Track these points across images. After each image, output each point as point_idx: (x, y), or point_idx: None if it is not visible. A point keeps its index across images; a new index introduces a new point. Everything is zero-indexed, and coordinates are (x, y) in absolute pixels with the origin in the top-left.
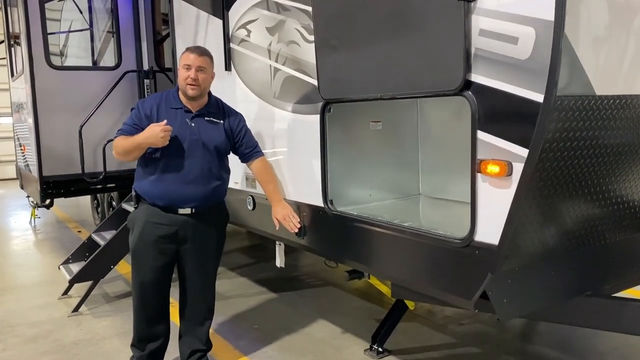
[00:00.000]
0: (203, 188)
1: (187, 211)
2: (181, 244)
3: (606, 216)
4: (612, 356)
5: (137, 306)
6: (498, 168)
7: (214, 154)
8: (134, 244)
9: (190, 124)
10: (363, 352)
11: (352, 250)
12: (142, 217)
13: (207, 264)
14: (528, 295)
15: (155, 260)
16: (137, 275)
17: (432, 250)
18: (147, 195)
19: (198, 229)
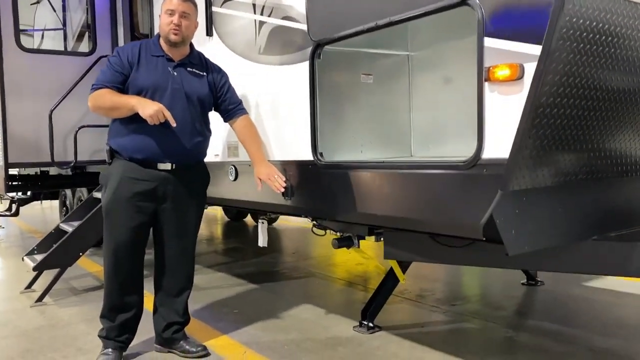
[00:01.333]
0: (185, 141)
1: (167, 166)
2: (160, 202)
3: (616, 150)
4: (612, 327)
5: (110, 271)
6: (508, 71)
7: (197, 106)
8: (108, 202)
9: (172, 72)
10: (352, 329)
11: (345, 201)
12: (117, 173)
13: (187, 225)
14: (535, 230)
15: (131, 220)
16: (111, 236)
17: (436, 179)
18: (125, 148)
19: (178, 187)
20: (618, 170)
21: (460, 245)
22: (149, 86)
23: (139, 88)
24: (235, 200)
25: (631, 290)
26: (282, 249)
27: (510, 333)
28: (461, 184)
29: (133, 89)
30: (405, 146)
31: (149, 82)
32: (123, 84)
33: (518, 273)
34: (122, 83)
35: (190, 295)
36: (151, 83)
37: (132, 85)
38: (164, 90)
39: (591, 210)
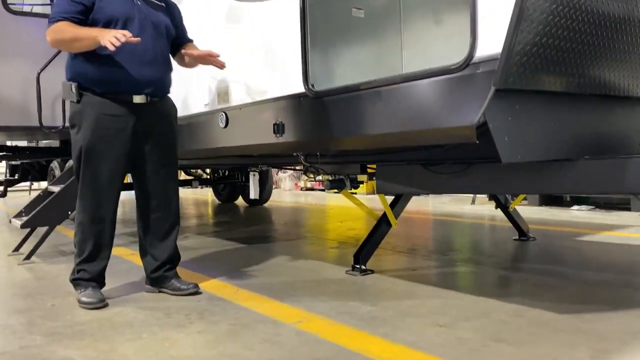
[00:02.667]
0: (159, 71)
1: (142, 99)
2: (139, 138)
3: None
4: (603, 265)
5: (91, 213)
6: None
7: (164, 36)
8: (87, 141)
9: (136, 2)
10: (345, 273)
11: (339, 126)
12: (92, 110)
13: (169, 160)
14: (528, 141)
15: (112, 158)
16: (90, 176)
17: (430, 88)
18: (96, 82)
19: (154, 121)
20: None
21: (452, 172)
22: (118, 16)
23: (107, 18)
24: (227, 147)
25: (621, 242)
26: (273, 221)
27: (503, 272)
28: (455, 88)
29: (102, 19)
30: None
31: (118, 11)
32: (82, 14)
33: (510, 232)
34: (82, 13)
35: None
36: (120, 13)
37: (99, 16)
38: (132, 20)
39: (584, 131)
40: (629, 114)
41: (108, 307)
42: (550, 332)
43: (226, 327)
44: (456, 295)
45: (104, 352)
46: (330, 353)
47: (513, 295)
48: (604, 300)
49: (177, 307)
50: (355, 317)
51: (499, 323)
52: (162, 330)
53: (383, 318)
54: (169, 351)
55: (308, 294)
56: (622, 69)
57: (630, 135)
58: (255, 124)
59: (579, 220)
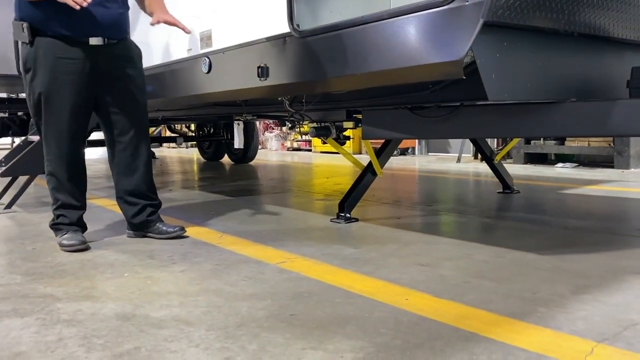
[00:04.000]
0: (111, 12)
1: (98, 41)
2: (98, 80)
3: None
4: (585, 214)
5: (56, 156)
6: None
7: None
8: (45, 86)
9: None
10: (329, 221)
11: (326, 69)
12: (47, 53)
13: (134, 101)
14: (516, 79)
15: (73, 101)
16: (53, 121)
17: (417, 22)
18: (49, 23)
19: (114, 62)
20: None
21: (439, 116)
22: None
23: None
24: (210, 93)
25: (603, 194)
26: (259, 177)
27: (486, 220)
28: (443, 22)
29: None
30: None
31: None
32: None
33: (494, 186)
34: None
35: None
36: None
37: None
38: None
39: (571, 73)
40: (617, 58)
41: (90, 250)
42: (531, 270)
43: (210, 266)
44: (439, 240)
45: (85, 289)
46: (313, 288)
47: (495, 239)
48: (585, 243)
49: (161, 250)
50: (339, 258)
51: (480, 263)
52: (144, 270)
53: (366, 259)
54: (151, 287)
55: (293, 239)
56: (612, 9)
57: (617, 80)
58: (239, 68)
59: (563, 176)
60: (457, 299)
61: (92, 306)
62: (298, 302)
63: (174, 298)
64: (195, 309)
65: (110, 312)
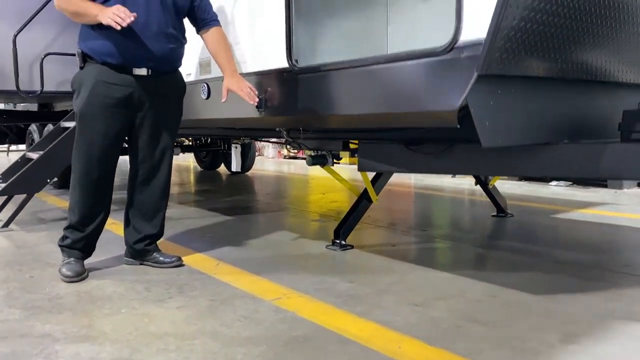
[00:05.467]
0: (161, 46)
1: (142, 72)
2: (136, 110)
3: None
4: (577, 245)
5: (81, 178)
6: None
7: (171, 10)
8: (81, 106)
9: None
10: (325, 247)
11: (322, 106)
12: (91, 76)
13: (164, 134)
14: (509, 125)
15: (106, 125)
16: (84, 141)
17: (412, 69)
18: (98, 52)
19: (155, 95)
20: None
21: (433, 153)
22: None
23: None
24: (209, 119)
25: (595, 220)
26: (256, 191)
27: (480, 250)
28: (438, 72)
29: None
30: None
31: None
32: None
33: (488, 208)
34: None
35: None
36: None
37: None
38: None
39: (564, 115)
40: (610, 97)
41: (88, 279)
42: (523, 312)
43: (206, 302)
44: (433, 273)
45: (84, 328)
46: (308, 331)
47: (488, 273)
48: (575, 280)
49: (157, 281)
50: (334, 294)
51: (473, 303)
52: (141, 305)
53: (360, 296)
54: (149, 327)
55: (287, 269)
56: (605, 54)
57: (610, 118)
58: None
59: (557, 197)
60: (449, 347)
61: (90, 349)
62: (293, 349)
63: (170, 341)
64: (192, 354)
65: (107, 358)
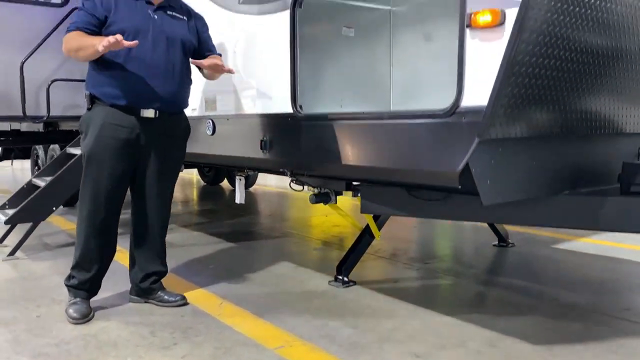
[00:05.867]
0: (168, 86)
1: (150, 114)
2: (141, 151)
3: (590, 105)
4: (578, 283)
5: (87, 220)
6: (490, 16)
7: (179, 50)
8: (89, 147)
9: (152, 16)
10: (327, 283)
11: (324, 153)
12: (98, 118)
13: (167, 175)
14: (510, 182)
15: (112, 167)
16: (90, 182)
17: (414, 129)
18: (106, 94)
19: (161, 136)
20: (590, 127)
21: (435, 199)
22: (130, 28)
23: (120, 31)
24: (213, 155)
25: (596, 252)
26: (259, 211)
27: (481, 288)
28: (439, 133)
29: (114, 33)
30: (384, 101)
31: (130, 24)
32: (97, 27)
33: (489, 236)
34: (97, 26)
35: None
36: (132, 25)
37: (112, 29)
38: (146, 33)
39: (564, 166)
40: (611, 145)
41: (94, 319)
42: None
43: (210, 350)
44: (434, 317)
45: None
46: None
47: (489, 318)
48: (574, 326)
49: (162, 324)
50: (337, 342)
51: (474, 354)
52: (146, 353)
53: (363, 344)
54: None
55: (290, 310)
56: (605, 109)
57: (610, 165)
58: (242, 137)
59: None
60: None
61: None
62: None
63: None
64: None
65: None
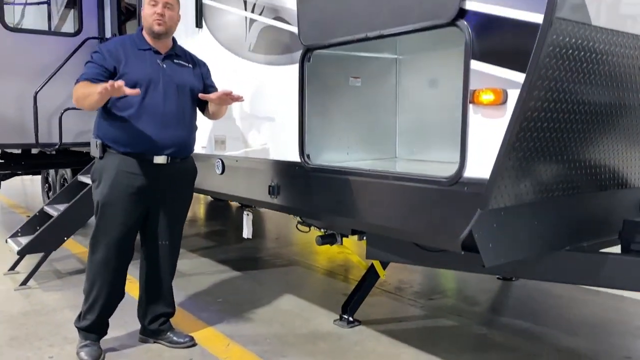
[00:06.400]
0: (180, 133)
1: (162, 160)
2: (154, 196)
3: (593, 164)
4: (578, 325)
5: (100, 265)
6: (493, 96)
7: (188, 97)
8: (103, 196)
9: (161, 65)
10: (332, 322)
11: (330, 204)
12: (112, 167)
13: (177, 218)
14: (512, 243)
15: (128, 215)
16: (104, 230)
17: (418, 193)
18: (119, 142)
19: (172, 181)
20: (594, 185)
21: (439, 250)
22: (142, 79)
23: (132, 83)
24: (222, 193)
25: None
26: (265, 234)
27: (484, 330)
28: (443, 199)
29: (126, 84)
30: (390, 148)
31: (141, 75)
32: (107, 77)
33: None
34: (106, 77)
35: (174, 282)
36: (144, 76)
37: (124, 81)
38: (157, 83)
39: (566, 223)
40: (612, 198)
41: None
42: None
43: None
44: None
45: None
46: None
47: None
48: None
49: None
50: None
51: None
52: None
53: None
54: None
55: (297, 353)
56: (606, 167)
57: (612, 215)
58: (250, 180)
59: None
60: None
61: None
62: None
63: None
64: None
65: None
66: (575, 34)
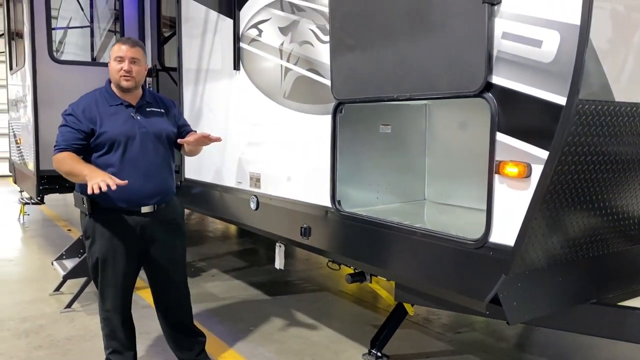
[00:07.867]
0: (162, 181)
1: (149, 209)
2: (148, 243)
3: (616, 226)
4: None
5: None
6: (517, 169)
7: (165, 144)
8: (102, 253)
9: (135, 117)
10: (361, 357)
11: (360, 251)
12: (104, 222)
13: (177, 260)
14: (536, 300)
15: (126, 266)
16: (108, 283)
17: (445, 252)
18: (106, 199)
19: (161, 225)
20: (622, 241)
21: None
22: (119, 137)
23: (110, 141)
24: (257, 228)
25: None
26: (295, 254)
27: None
28: (469, 261)
29: (104, 144)
30: (419, 190)
31: (118, 132)
32: (85, 140)
33: None
34: (84, 140)
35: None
36: (120, 133)
37: (101, 140)
38: (134, 138)
39: (590, 277)
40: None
41: None
42: None
43: None
44: None
45: None
46: None
47: None
48: None
49: None
50: None
51: None
52: None
53: None
54: None
55: None
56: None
57: (637, 266)
58: (283, 219)
59: None
60: None
61: None
62: None
63: None
64: None
65: None
66: (599, 111)
